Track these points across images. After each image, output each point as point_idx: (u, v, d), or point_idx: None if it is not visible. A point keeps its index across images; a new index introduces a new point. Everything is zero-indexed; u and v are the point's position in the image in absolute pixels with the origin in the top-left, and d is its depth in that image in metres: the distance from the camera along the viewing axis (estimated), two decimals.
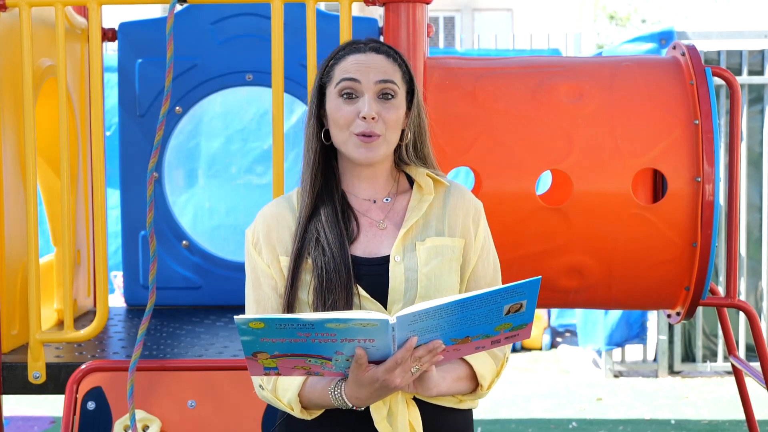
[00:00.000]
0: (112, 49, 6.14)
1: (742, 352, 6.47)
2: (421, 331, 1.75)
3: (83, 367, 2.87)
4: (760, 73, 6.41)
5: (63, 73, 3.06)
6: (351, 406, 1.87)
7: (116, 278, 7.15)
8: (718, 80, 5.72)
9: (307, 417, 1.94)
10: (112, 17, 5.49)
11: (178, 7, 2.96)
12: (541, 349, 7.48)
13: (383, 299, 1.95)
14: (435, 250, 1.99)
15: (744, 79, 6.32)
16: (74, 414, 2.82)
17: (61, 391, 2.97)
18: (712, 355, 6.57)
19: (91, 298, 4.09)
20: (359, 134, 1.96)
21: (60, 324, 3.72)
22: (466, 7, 19.95)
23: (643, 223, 3.08)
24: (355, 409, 1.88)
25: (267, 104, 4.13)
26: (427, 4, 2.94)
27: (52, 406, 5.76)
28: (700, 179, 3.05)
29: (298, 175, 2.07)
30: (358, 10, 13.34)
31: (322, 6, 4.42)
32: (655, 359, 6.67)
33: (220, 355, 3.13)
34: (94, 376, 2.85)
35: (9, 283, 3.21)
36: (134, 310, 4.06)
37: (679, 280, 3.16)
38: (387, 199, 2.05)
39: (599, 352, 6.73)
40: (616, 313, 6.43)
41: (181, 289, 4.13)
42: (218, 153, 4.34)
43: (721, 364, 6.50)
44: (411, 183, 2.08)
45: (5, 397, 3.32)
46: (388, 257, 1.97)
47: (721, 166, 5.85)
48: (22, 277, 3.30)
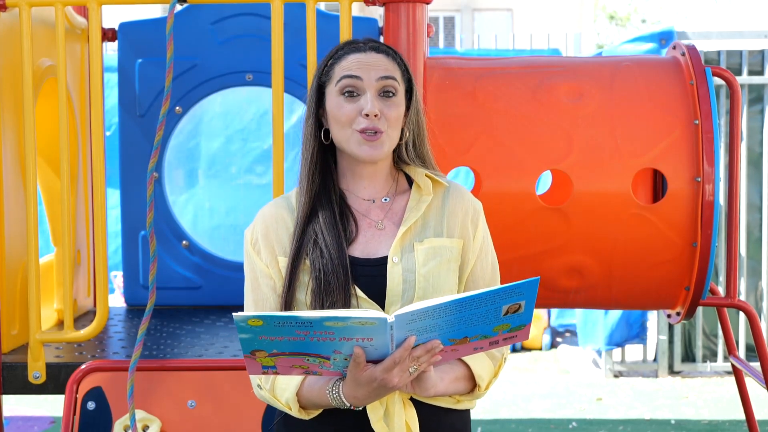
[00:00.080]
0: (112, 49, 6.14)
1: (742, 352, 6.47)
2: (420, 331, 1.75)
3: (83, 367, 2.87)
4: (760, 73, 6.40)
5: (63, 73, 3.06)
6: (349, 405, 1.86)
7: (116, 278, 7.15)
8: (718, 80, 5.72)
9: (305, 417, 1.94)
10: (112, 17, 5.49)
11: (178, 7, 2.96)
12: (541, 349, 7.47)
13: (381, 300, 1.94)
14: (433, 251, 1.98)
15: (744, 79, 6.32)
16: (74, 414, 2.82)
17: (61, 391, 2.97)
18: (712, 355, 6.57)
19: (91, 298, 4.09)
20: (362, 131, 1.96)
21: (60, 324, 3.72)
22: (466, 7, 19.94)
23: (643, 223, 3.07)
24: (353, 408, 1.88)
25: (267, 104, 4.13)
26: (427, 4, 2.94)
27: (52, 406, 5.76)
28: (700, 179, 3.05)
29: (297, 175, 2.06)
30: (358, 10, 13.33)
31: (322, 6, 4.42)
32: (655, 359, 6.67)
33: (220, 355, 3.13)
34: (94, 376, 2.85)
35: (9, 283, 3.21)
36: (134, 310, 4.06)
37: (679, 280, 3.16)
38: (386, 199, 2.04)
39: (599, 352, 6.73)
40: (616, 313, 6.42)
41: (181, 289, 4.14)
42: (218, 153, 4.34)
43: (721, 364, 6.50)
44: (410, 183, 2.07)
45: (5, 397, 3.32)
46: (386, 258, 1.97)
47: (721, 166, 5.85)
48: (22, 277, 3.30)
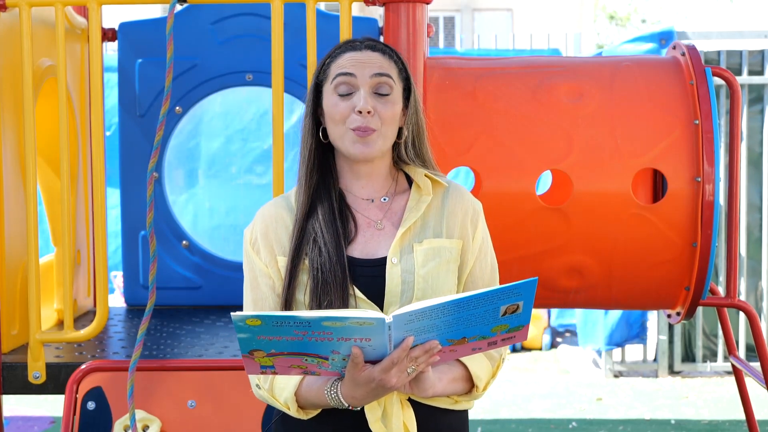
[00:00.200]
0: (112, 49, 6.13)
1: (742, 352, 6.46)
2: (418, 331, 1.75)
3: (83, 367, 2.87)
4: (760, 73, 6.40)
5: (63, 73, 3.06)
6: (347, 405, 1.86)
7: (116, 278, 7.15)
8: (718, 80, 5.72)
9: (304, 416, 1.93)
10: (112, 17, 5.49)
11: (178, 7, 2.96)
12: (541, 349, 7.47)
13: (380, 301, 1.94)
14: (432, 252, 1.98)
15: (744, 79, 6.32)
16: (74, 414, 2.82)
17: (61, 391, 2.97)
18: (712, 355, 6.57)
19: (91, 298, 4.09)
20: (355, 129, 1.96)
21: (60, 324, 3.72)
22: (466, 7, 19.95)
23: (643, 223, 3.07)
24: (351, 408, 1.88)
25: (267, 104, 4.13)
26: (427, 4, 2.94)
27: (52, 406, 5.76)
28: (700, 179, 3.05)
29: (296, 175, 2.07)
30: (358, 10, 13.34)
31: (322, 6, 4.41)
32: (655, 359, 6.67)
33: (220, 355, 3.13)
34: (94, 376, 2.84)
35: (9, 283, 3.21)
36: (134, 310, 4.06)
37: (679, 280, 3.16)
38: (385, 199, 2.04)
39: (599, 352, 6.73)
40: (616, 313, 6.42)
41: (181, 289, 4.13)
42: (218, 153, 4.34)
43: (721, 364, 6.50)
44: (410, 183, 2.07)
45: (5, 397, 3.32)
46: (385, 259, 1.96)
47: (721, 166, 5.85)
48: (22, 277, 3.30)
